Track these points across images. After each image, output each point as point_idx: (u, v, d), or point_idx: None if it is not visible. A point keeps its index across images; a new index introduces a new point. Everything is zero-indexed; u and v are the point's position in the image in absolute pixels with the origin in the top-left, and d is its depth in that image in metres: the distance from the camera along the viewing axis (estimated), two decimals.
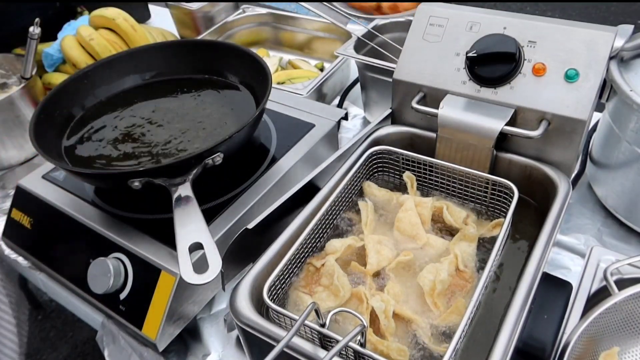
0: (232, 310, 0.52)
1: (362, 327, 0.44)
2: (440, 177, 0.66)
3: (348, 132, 1.00)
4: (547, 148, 0.63)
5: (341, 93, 1.05)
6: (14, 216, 0.80)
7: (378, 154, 0.67)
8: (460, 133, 0.64)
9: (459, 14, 0.68)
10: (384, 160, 0.69)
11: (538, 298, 0.51)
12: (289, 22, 1.19)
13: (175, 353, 0.68)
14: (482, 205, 0.65)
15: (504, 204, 0.61)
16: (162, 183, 0.62)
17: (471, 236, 0.60)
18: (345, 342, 0.43)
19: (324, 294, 0.55)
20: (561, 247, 0.74)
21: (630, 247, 0.73)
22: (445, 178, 0.66)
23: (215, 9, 1.24)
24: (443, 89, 0.67)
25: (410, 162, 0.67)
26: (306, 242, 0.58)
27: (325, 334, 0.46)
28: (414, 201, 0.62)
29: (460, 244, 0.59)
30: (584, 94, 0.60)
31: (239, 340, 0.67)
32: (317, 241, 0.61)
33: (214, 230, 0.67)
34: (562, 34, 0.62)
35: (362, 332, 0.44)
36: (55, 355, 1.59)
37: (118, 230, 0.69)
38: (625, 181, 0.71)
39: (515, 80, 0.63)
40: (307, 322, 0.46)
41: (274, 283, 0.53)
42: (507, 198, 0.60)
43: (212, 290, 0.70)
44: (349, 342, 0.43)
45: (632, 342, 0.57)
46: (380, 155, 0.68)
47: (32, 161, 1.03)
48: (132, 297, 0.65)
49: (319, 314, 0.46)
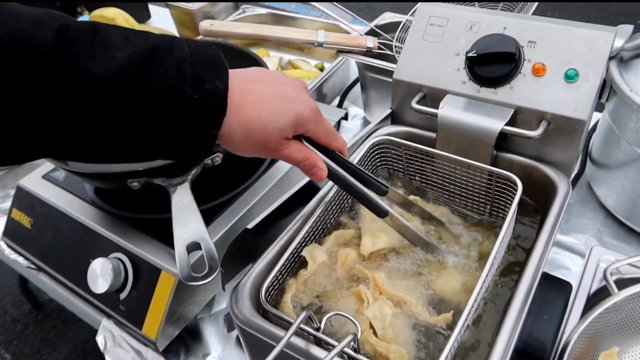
0: (231, 311, 0.52)
1: (355, 335, 0.44)
2: (443, 173, 0.66)
3: (348, 132, 1.00)
4: (547, 148, 0.63)
5: (341, 93, 1.05)
6: (14, 216, 0.80)
7: (380, 145, 0.67)
8: (460, 133, 0.64)
9: (459, 14, 0.68)
10: (386, 156, 0.69)
11: (538, 298, 0.51)
12: (289, 22, 1.19)
13: (175, 353, 0.68)
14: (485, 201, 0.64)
15: (507, 198, 0.61)
16: (161, 183, 0.62)
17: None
18: (338, 350, 0.43)
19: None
20: (561, 247, 0.74)
21: (630, 247, 0.73)
22: (447, 173, 0.65)
23: (215, 9, 1.24)
24: (443, 89, 0.67)
25: (412, 158, 0.67)
26: (304, 241, 0.58)
27: (321, 338, 0.47)
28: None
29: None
30: (584, 94, 0.60)
31: (239, 340, 0.67)
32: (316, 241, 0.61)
33: (213, 230, 0.67)
34: (562, 34, 0.62)
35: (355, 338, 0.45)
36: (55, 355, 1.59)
37: (118, 230, 0.69)
38: (625, 181, 0.71)
39: (515, 80, 0.63)
40: (303, 327, 0.46)
41: (272, 284, 0.53)
42: (510, 192, 0.59)
43: (212, 290, 0.71)
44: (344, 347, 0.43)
45: (632, 342, 0.57)
46: (382, 149, 0.68)
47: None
48: (132, 297, 0.65)
49: (313, 319, 0.47)
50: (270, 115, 0.45)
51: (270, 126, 0.45)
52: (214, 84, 0.42)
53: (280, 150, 0.47)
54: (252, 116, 0.44)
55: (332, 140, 0.52)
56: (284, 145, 0.47)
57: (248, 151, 0.47)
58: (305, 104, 0.48)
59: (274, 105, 0.46)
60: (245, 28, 1.01)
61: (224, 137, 0.45)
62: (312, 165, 0.50)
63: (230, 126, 0.44)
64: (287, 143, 0.48)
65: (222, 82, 0.43)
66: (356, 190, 0.53)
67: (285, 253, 0.55)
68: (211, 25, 1.00)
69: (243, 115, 0.44)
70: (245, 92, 0.45)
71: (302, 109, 0.47)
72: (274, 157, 0.49)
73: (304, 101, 0.48)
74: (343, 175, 0.53)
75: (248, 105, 0.44)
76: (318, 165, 0.50)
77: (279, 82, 0.48)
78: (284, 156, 0.48)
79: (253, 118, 0.45)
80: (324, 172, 0.50)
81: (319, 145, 0.51)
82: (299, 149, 0.49)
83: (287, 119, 0.46)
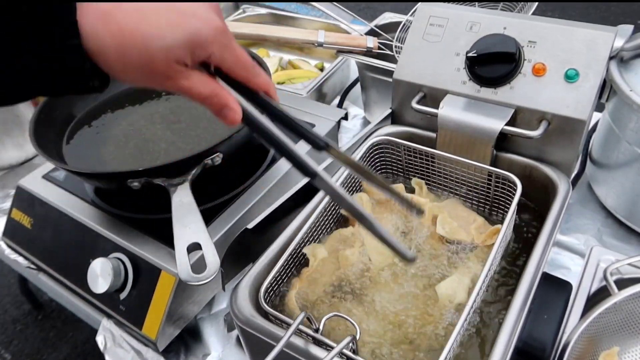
0: (231, 310, 0.52)
1: (353, 337, 0.44)
2: (443, 172, 0.66)
3: (348, 132, 1.00)
4: (547, 148, 0.63)
5: (341, 93, 1.05)
6: (14, 216, 0.80)
7: (380, 145, 0.67)
8: (460, 133, 0.64)
9: (459, 14, 0.68)
10: (386, 156, 0.69)
11: (538, 298, 0.51)
12: (289, 22, 1.19)
13: (175, 353, 0.68)
14: (485, 201, 0.64)
15: (507, 199, 0.61)
16: (161, 183, 0.62)
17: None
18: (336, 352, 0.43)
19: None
20: (561, 247, 0.74)
21: (630, 247, 0.73)
22: (447, 173, 0.65)
23: None
24: (443, 89, 0.67)
25: (412, 159, 0.67)
26: (304, 242, 0.58)
27: (319, 340, 0.47)
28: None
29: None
30: (584, 94, 0.60)
31: (239, 340, 0.67)
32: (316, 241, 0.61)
33: (213, 230, 0.67)
34: (562, 34, 0.62)
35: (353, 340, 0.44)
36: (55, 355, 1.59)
37: (118, 230, 0.69)
38: (625, 181, 0.70)
39: (515, 80, 0.63)
40: (301, 327, 0.46)
41: (271, 285, 0.53)
42: (510, 192, 0.59)
43: (212, 290, 0.70)
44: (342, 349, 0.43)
45: (632, 342, 0.57)
46: (382, 149, 0.68)
47: (32, 161, 1.03)
48: (132, 297, 0.65)
49: (312, 320, 0.47)
50: (153, 29, 0.36)
51: (152, 43, 0.36)
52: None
53: (175, 79, 0.38)
54: (127, 27, 0.36)
55: (251, 75, 0.42)
56: (181, 74, 0.38)
57: (131, 76, 0.39)
58: (205, 20, 0.38)
59: (159, 17, 0.37)
60: (245, 28, 1.01)
61: (95, 53, 0.36)
62: (222, 105, 0.41)
63: (98, 38, 0.36)
64: (184, 71, 0.39)
65: None
66: (277, 142, 0.42)
67: (285, 253, 0.55)
68: None
69: (115, 26, 0.36)
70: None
71: (200, 25, 0.38)
72: (169, 88, 0.40)
73: (203, 17, 0.39)
74: (261, 121, 0.42)
75: (121, 14, 0.36)
76: (229, 104, 0.41)
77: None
78: (182, 88, 0.39)
79: (128, 30, 0.36)
80: (237, 114, 0.41)
81: (237, 84, 0.42)
82: (204, 82, 0.40)
83: (175, 36, 0.37)
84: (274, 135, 0.42)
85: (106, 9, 0.36)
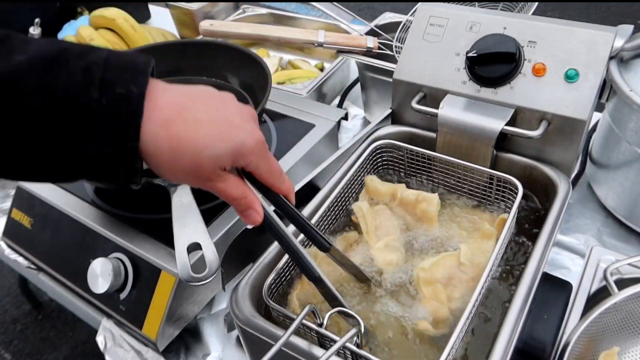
0: (232, 310, 0.52)
1: (358, 330, 0.44)
2: (444, 174, 0.66)
3: (348, 132, 1.00)
4: (547, 148, 0.63)
5: (341, 93, 1.05)
6: (14, 216, 0.80)
7: (382, 149, 0.67)
8: (460, 133, 0.64)
9: (459, 14, 0.68)
10: (387, 158, 0.69)
11: (538, 298, 0.51)
12: (289, 22, 1.19)
13: (175, 353, 0.68)
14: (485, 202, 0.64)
15: (508, 201, 0.61)
16: (161, 183, 0.62)
17: (487, 232, 0.59)
18: (340, 344, 0.43)
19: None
20: (561, 247, 0.74)
21: (630, 247, 0.73)
22: (448, 175, 0.65)
23: (215, 9, 1.24)
24: (443, 89, 0.67)
25: (414, 161, 0.67)
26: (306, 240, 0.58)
27: (323, 334, 0.46)
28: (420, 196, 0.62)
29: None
30: (584, 94, 0.60)
31: (239, 340, 0.67)
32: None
33: (213, 230, 0.67)
34: (562, 34, 0.62)
35: (358, 333, 0.44)
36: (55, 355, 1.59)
37: (118, 230, 0.69)
38: (625, 181, 0.71)
39: (515, 80, 0.63)
40: (305, 322, 0.46)
41: (274, 282, 0.53)
42: (511, 194, 0.59)
43: (212, 290, 0.71)
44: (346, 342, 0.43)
45: (632, 342, 0.57)
46: (384, 151, 0.68)
47: None
48: (132, 297, 0.65)
49: (317, 314, 0.47)
50: (207, 139, 0.40)
51: (204, 151, 0.40)
52: (126, 88, 0.37)
53: (214, 181, 0.42)
54: (184, 135, 0.39)
55: (278, 182, 0.46)
56: (220, 177, 0.42)
57: (177, 176, 0.42)
58: (249, 133, 0.43)
59: (213, 129, 0.41)
60: (245, 28, 1.01)
61: (149, 155, 0.39)
62: (248, 207, 0.44)
63: (156, 142, 0.39)
64: (223, 175, 0.42)
65: (138, 86, 0.38)
66: (288, 246, 0.48)
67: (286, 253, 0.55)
68: (211, 25, 1.00)
69: (174, 133, 0.39)
70: (182, 108, 0.40)
71: (244, 137, 0.42)
72: (206, 188, 0.43)
73: (248, 130, 0.43)
74: (277, 224, 0.47)
75: (182, 123, 0.39)
76: (254, 207, 0.45)
77: (224, 105, 0.43)
78: (218, 189, 0.43)
79: (185, 138, 0.39)
80: (259, 216, 0.45)
81: (262, 187, 0.46)
82: (236, 184, 0.43)
83: (225, 147, 0.41)
84: (284, 236, 0.47)
85: (170, 117, 0.39)
